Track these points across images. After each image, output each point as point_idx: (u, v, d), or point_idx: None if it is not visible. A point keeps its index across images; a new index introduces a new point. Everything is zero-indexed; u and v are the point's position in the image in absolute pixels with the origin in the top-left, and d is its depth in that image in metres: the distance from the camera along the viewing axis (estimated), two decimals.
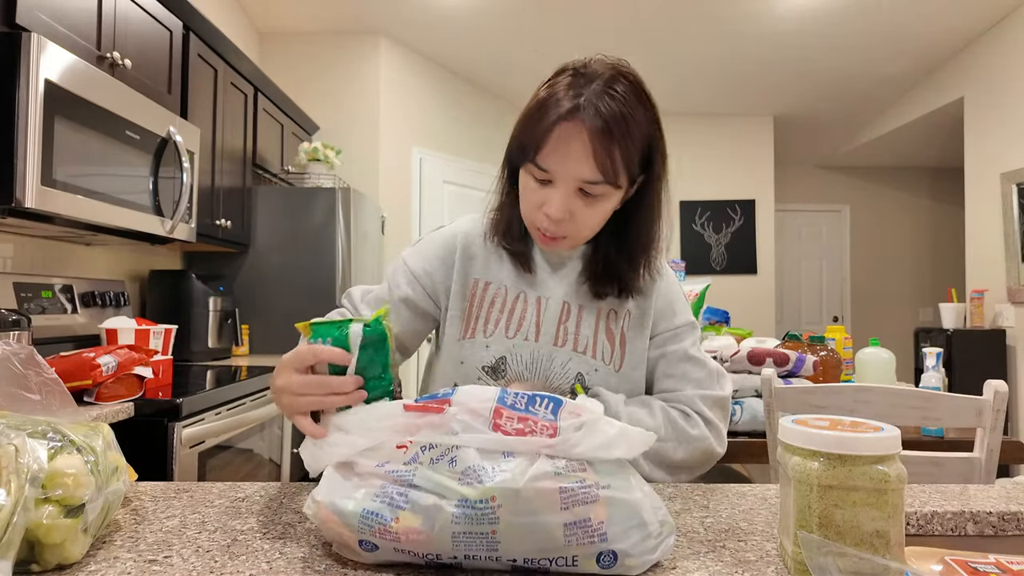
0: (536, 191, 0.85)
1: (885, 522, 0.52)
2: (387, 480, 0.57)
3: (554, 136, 0.80)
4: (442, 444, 0.56)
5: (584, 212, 0.85)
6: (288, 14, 3.84)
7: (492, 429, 0.56)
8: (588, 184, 0.81)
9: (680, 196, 5.66)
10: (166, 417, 1.64)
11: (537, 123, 0.81)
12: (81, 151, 1.73)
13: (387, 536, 0.55)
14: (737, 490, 0.82)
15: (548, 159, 0.81)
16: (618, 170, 0.81)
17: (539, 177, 0.83)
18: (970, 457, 1.32)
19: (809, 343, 1.93)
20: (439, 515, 0.54)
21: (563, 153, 0.80)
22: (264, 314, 3.11)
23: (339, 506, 0.57)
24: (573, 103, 0.79)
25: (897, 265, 6.76)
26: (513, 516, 0.53)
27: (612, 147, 0.79)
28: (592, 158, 0.79)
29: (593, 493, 0.54)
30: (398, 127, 4.19)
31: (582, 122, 0.79)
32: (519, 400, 0.59)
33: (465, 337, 0.94)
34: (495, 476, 0.53)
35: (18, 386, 0.68)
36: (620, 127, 0.80)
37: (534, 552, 0.54)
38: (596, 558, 0.54)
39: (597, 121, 0.79)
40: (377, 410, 0.62)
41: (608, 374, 0.93)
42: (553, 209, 0.83)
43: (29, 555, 0.55)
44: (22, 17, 1.60)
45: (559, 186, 0.82)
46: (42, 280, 2.07)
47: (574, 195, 0.83)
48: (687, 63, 4.55)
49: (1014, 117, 3.84)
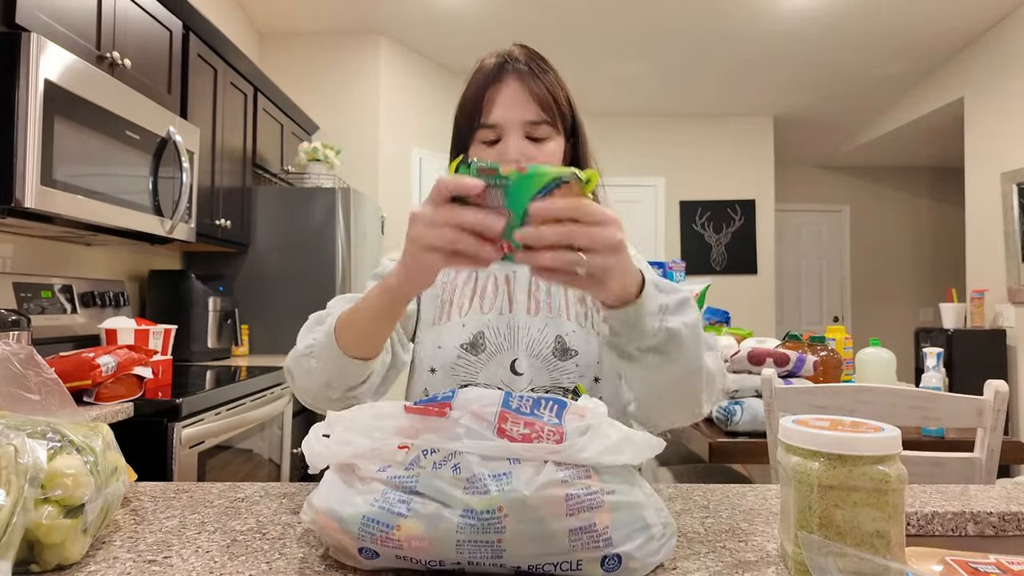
0: (490, 153, 0.90)
1: (885, 522, 0.52)
2: (388, 486, 0.55)
3: (490, 96, 0.89)
4: (444, 449, 0.55)
5: (536, 157, 0.90)
6: (288, 14, 3.84)
7: (497, 434, 0.55)
8: (534, 125, 0.89)
9: (680, 196, 5.66)
10: (166, 417, 1.64)
11: (474, 96, 0.90)
12: (81, 151, 1.72)
13: (389, 544, 0.54)
14: (737, 490, 0.82)
15: (493, 114, 0.89)
16: (554, 106, 0.90)
17: (490, 138, 0.90)
18: (970, 457, 1.32)
19: (809, 343, 1.93)
20: (443, 524, 0.53)
21: (505, 104, 0.89)
22: (264, 314, 3.11)
23: (338, 512, 0.55)
24: (499, 68, 0.90)
25: (897, 265, 6.76)
26: (519, 524, 0.52)
27: (543, 87, 0.90)
28: (530, 98, 0.89)
29: (599, 499, 0.53)
30: (398, 127, 4.19)
31: (512, 76, 0.89)
32: (524, 404, 0.58)
33: (441, 322, 0.96)
34: (502, 486, 0.52)
35: (18, 386, 0.68)
36: (545, 74, 0.91)
37: (538, 558, 0.53)
38: (600, 562, 0.54)
39: (524, 70, 0.90)
40: (377, 410, 0.61)
41: (587, 334, 0.94)
42: (512, 151, 0.88)
43: (29, 555, 0.55)
44: (22, 17, 1.60)
45: (509, 135, 0.89)
46: (42, 280, 2.07)
47: (524, 141, 0.89)
48: (687, 63, 4.55)
49: (1014, 117, 3.84)
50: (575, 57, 4.41)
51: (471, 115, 0.90)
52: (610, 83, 4.93)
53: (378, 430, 0.58)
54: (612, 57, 4.45)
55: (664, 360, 0.71)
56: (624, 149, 5.62)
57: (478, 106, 0.89)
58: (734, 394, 1.74)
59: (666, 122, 5.68)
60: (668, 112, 5.61)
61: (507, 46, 0.94)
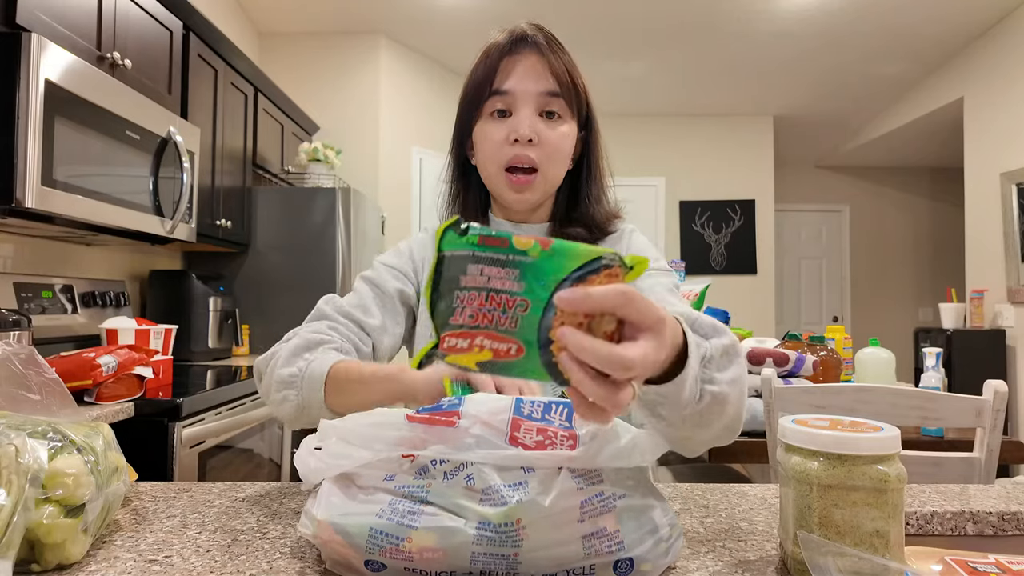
0: (499, 126, 0.88)
1: (885, 522, 0.52)
2: (396, 496, 0.53)
3: (505, 66, 0.86)
4: (455, 459, 0.53)
5: (549, 135, 0.87)
6: (288, 14, 3.84)
7: (509, 442, 0.53)
8: (549, 97, 0.86)
9: (680, 196, 5.67)
10: (166, 417, 1.64)
11: (486, 65, 0.87)
12: (81, 151, 1.73)
13: (399, 556, 0.52)
14: (737, 490, 0.82)
15: (507, 81, 0.86)
16: (571, 84, 0.87)
17: (500, 107, 0.87)
18: (970, 457, 1.32)
19: (809, 343, 1.93)
20: (458, 535, 0.51)
21: (520, 73, 0.85)
22: (264, 314, 3.11)
23: (342, 525, 0.53)
24: (514, 39, 0.87)
25: (897, 265, 6.76)
26: (536, 535, 0.51)
27: (559, 61, 0.87)
28: (547, 70, 0.86)
29: (610, 503, 0.53)
30: (398, 127, 4.19)
31: (529, 46, 0.86)
32: (535, 409, 0.57)
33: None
34: (520, 496, 0.51)
35: (18, 386, 0.68)
36: (560, 48, 0.88)
37: (554, 567, 0.53)
38: (613, 566, 0.53)
39: (541, 41, 0.87)
40: (375, 418, 0.57)
41: None
42: (523, 127, 0.85)
43: (29, 555, 0.55)
44: (22, 17, 1.60)
45: (522, 107, 0.86)
46: (42, 280, 2.07)
47: (537, 116, 0.87)
48: (687, 63, 4.55)
49: (1014, 117, 3.84)
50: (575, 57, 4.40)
51: (481, 83, 0.87)
52: (610, 83, 4.93)
53: (378, 441, 0.55)
54: (612, 57, 4.45)
55: (702, 426, 0.62)
56: (624, 149, 5.62)
57: (491, 74, 0.86)
58: None
59: (666, 122, 5.68)
60: (668, 112, 5.61)
61: (520, 24, 0.91)
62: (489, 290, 0.43)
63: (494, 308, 0.43)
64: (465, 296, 0.44)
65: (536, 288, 0.42)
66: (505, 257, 0.43)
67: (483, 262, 0.43)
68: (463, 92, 0.91)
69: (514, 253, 0.42)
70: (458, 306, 0.44)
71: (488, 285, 0.43)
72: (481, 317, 0.44)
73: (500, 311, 0.43)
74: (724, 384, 0.61)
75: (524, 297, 0.42)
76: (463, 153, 0.95)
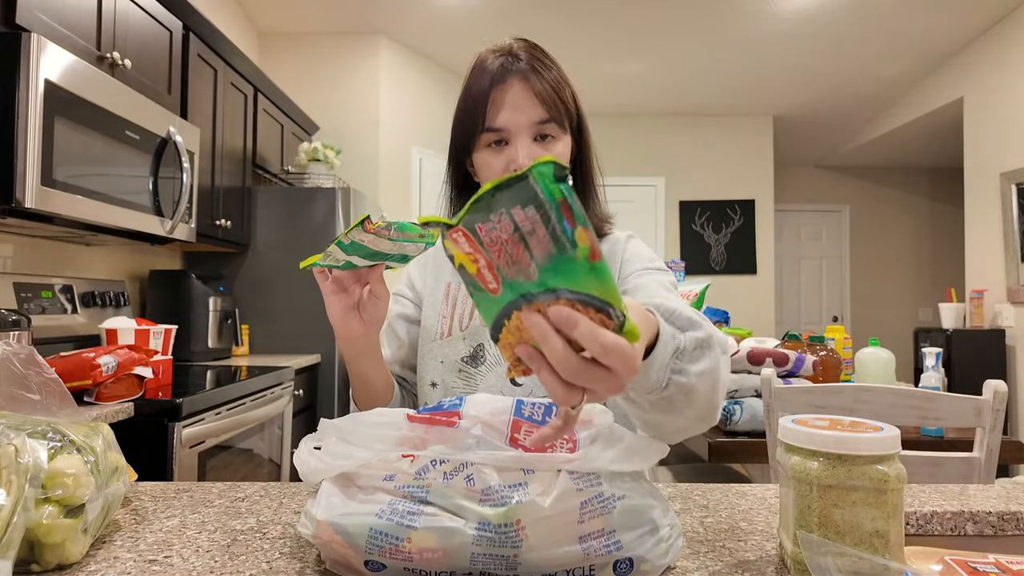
0: (496, 157, 0.89)
1: (885, 522, 0.52)
2: (396, 496, 0.53)
3: (495, 98, 0.87)
4: (455, 459, 0.53)
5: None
6: (288, 14, 3.84)
7: (509, 443, 0.54)
8: (541, 125, 0.87)
9: (680, 196, 5.66)
10: (166, 417, 1.64)
11: (476, 99, 0.88)
12: (81, 151, 1.72)
13: (398, 556, 0.52)
14: (737, 490, 0.82)
15: (498, 117, 0.87)
16: (560, 105, 0.88)
17: (495, 139, 0.88)
18: (970, 457, 1.32)
19: (809, 343, 1.93)
20: (457, 536, 0.51)
21: (511, 106, 0.87)
22: (264, 314, 3.11)
23: (342, 525, 0.53)
24: (501, 68, 0.88)
25: (897, 265, 6.76)
26: (536, 536, 0.51)
27: (548, 87, 0.88)
28: (536, 99, 0.87)
29: (610, 505, 0.53)
30: (398, 127, 4.19)
31: (516, 77, 0.87)
32: (536, 411, 0.57)
33: (443, 337, 0.96)
34: (519, 497, 0.51)
35: (18, 386, 0.68)
36: (548, 71, 0.89)
37: (553, 567, 0.53)
38: (613, 567, 0.53)
39: (527, 69, 0.88)
40: (374, 418, 0.58)
41: None
42: (522, 157, 0.86)
43: (29, 555, 0.55)
44: (22, 17, 1.60)
45: (517, 138, 0.87)
46: (42, 280, 2.07)
47: (532, 143, 0.88)
48: (687, 63, 4.55)
49: (1014, 117, 3.84)
50: (575, 57, 4.41)
51: (474, 119, 0.88)
52: (610, 83, 4.93)
53: (378, 440, 0.56)
54: (612, 57, 4.45)
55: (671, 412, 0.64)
56: (624, 149, 5.62)
57: (482, 109, 0.87)
58: (733, 394, 1.74)
59: (666, 122, 5.68)
60: (668, 112, 5.61)
61: (506, 40, 0.92)
62: (522, 237, 0.41)
63: (512, 251, 0.42)
64: (504, 222, 0.42)
65: (552, 274, 0.41)
66: (560, 233, 0.40)
67: (543, 216, 0.40)
68: (458, 114, 0.91)
69: (568, 239, 0.40)
70: (491, 223, 0.42)
71: (525, 233, 0.41)
72: (497, 248, 0.43)
73: (512, 258, 0.42)
74: (693, 376, 0.63)
75: (537, 269, 0.41)
76: (463, 167, 0.96)
